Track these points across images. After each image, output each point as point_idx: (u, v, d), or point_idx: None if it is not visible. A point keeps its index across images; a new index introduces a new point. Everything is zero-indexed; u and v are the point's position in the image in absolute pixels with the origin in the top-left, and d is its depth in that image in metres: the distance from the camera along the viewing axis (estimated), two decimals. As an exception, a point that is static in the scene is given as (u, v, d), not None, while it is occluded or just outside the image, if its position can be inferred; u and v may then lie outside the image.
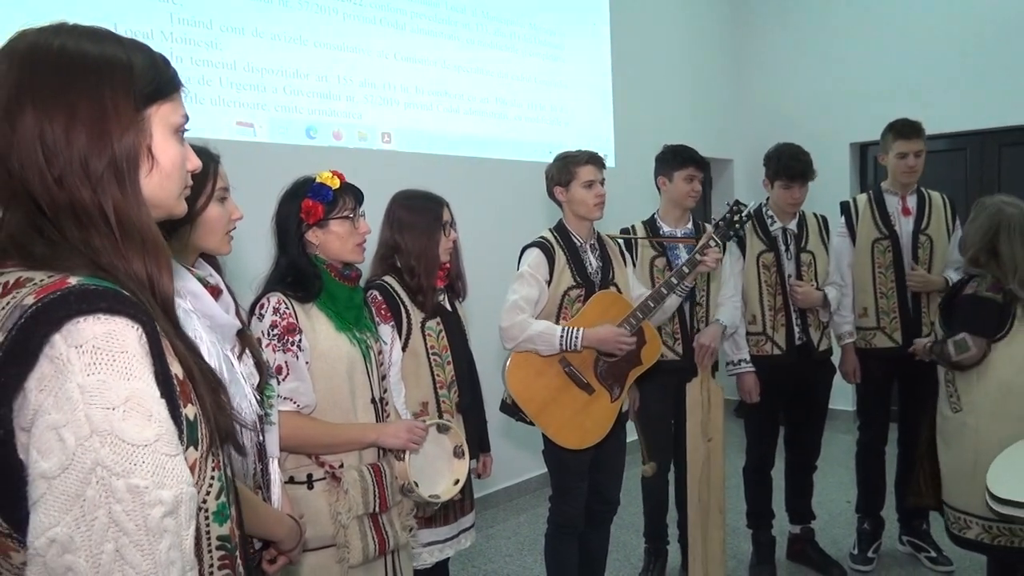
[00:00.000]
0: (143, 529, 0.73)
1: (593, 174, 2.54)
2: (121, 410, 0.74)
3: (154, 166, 0.89)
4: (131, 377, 0.76)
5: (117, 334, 0.76)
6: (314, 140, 3.45)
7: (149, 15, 2.89)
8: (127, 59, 0.87)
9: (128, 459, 0.74)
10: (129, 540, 0.73)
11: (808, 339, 3.16)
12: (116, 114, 0.85)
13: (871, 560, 3.33)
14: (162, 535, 0.75)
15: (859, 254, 3.28)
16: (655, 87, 5.28)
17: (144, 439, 0.75)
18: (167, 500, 0.75)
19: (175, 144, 0.92)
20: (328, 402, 1.80)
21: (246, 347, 1.36)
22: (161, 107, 0.90)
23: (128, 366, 0.76)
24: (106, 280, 0.80)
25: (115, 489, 0.73)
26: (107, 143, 0.84)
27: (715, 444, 2.93)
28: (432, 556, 2.23)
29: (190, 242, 1.33)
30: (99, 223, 0.83)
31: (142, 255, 0.85)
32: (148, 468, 0.75)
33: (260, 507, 1.34)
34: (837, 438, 4.74)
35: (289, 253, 1.83)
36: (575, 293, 2.52)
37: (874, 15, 5.40)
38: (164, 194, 0.91)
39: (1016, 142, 5.07)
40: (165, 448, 0.77)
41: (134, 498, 0.73)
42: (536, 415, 2.44)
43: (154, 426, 0.76)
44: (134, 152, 0.86)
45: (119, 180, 0.84)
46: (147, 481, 0.74)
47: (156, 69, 0.91)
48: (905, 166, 3.19)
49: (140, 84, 0.87)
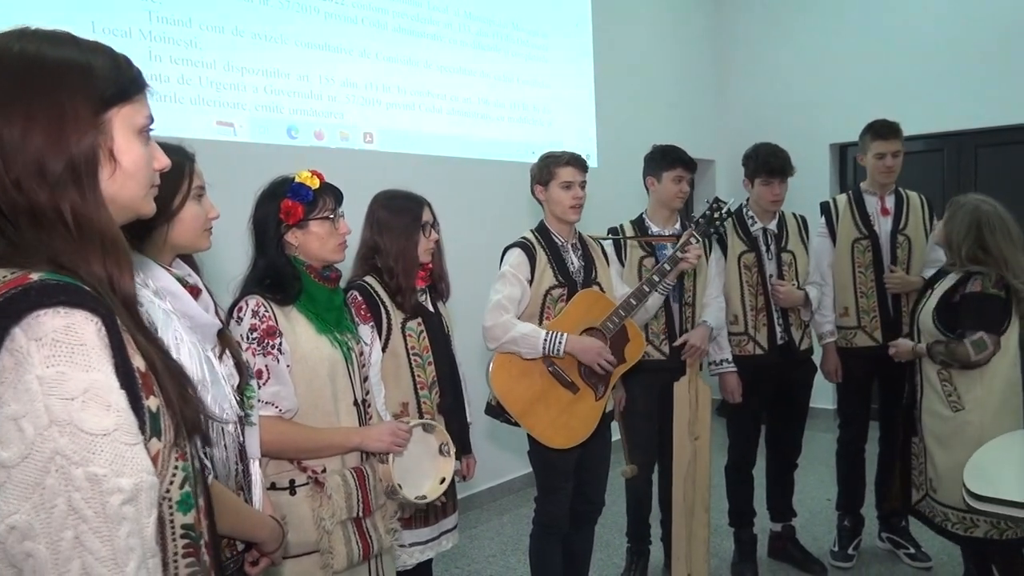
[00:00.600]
0: (102, 516, 0.75)
1: (573, 175, 2.54)
2: (80, 400, 0.76)
3: (116, 168, 0.90)
4: (90, 369, 0.78)
5: (76, 327, 0.78)
6: (295, 140, 3.43)
7: (127, 13, 2.85)
8: (86, 62, 0.88)
9: (87, 448, 0.76)
10: (88, 527, 0.75)
11: (790, 338, 3.19)
12: (74, 117, 0.86)
13: (851, 557, 3.37)
14: (121, 522, 0.76)
15: (839, 254, 3.31)
16: (638, 88, 5.30)
17: (102, 428, 0.77)
18: (126, 488, 0.77)
19: (138, 145, 0.92)
20: (310, 405, 1.77)
21: (226, 347, 1.35)
22: (122, 109, 0.90)
23: (87, 358, 0.78)
24: (67, 276, 0.82)
25: (74, 477, 0.75)
26: (64, 146, 0.85)
27: (702, 443, 2.94)
28: (412, 558, 2.22)
29: (168, 241, 1.32)
30: (57, 225, 0.84)
31: (101, 256, 0.86)
32: (107, 457, 0.77)
33: (242, 508, 1.34)
34: (818, 437, 4.78)
35: (268, 255, 1.80)
36: (557, 292, 2.53)
37: (854, 19, 5.46)
38: (128, 195, 0.92)
39: (992, 143, 5.14)
40: (124, 437, 0.78)
41: (93, 486, 0.75)
42: (521, 416, 2.44)
43: (112, 416, 0.78)
44: (92, 155, 0.87)
45: (77, 183, 0.85)
46: (105, 469, 0.76)
47: (117, 71, 0.91)
48: (883, 166, 3.22)
49: (99, 87, 0.88)
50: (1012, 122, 4.94)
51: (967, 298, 2.60)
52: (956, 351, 2.58)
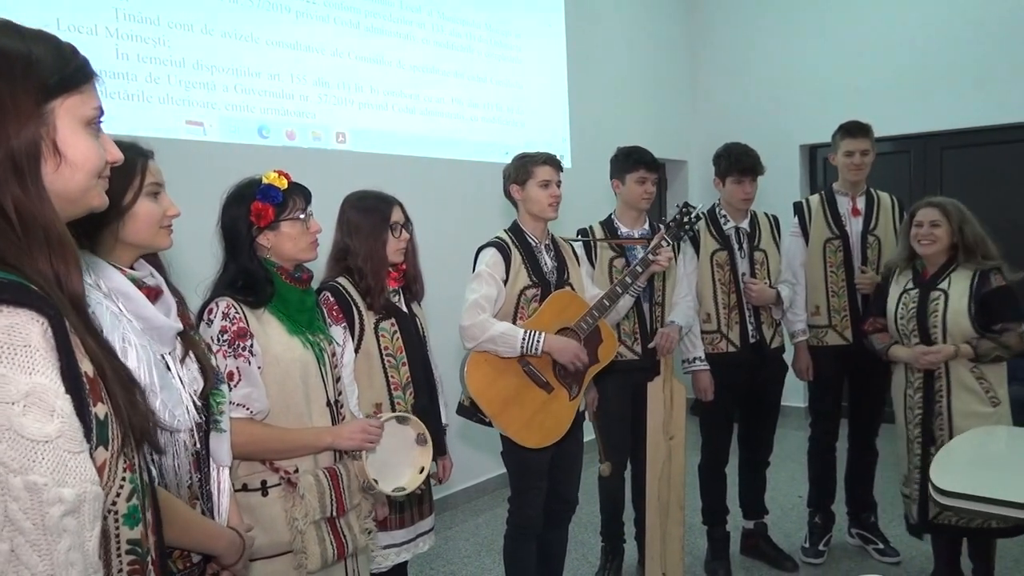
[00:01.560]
0: (40, 528, 0.71)
1: (550, 174, 2.56)
2: (21, 405, 0.72)
3: (61, 161, 0.86)
4: (33, 372, 0.74)
5: (20, 327, 0.74)
6: (267, 140, 3.39)
7: (93, 11, 2.80)
8: (26, 51, 0.84)
9: (26, 455, 0.71)
10: (25, 540, 0.71)
11: (761, 336, 3.22)
12: (13, 108, 0.82)
13: (822, 553, 3.41)
14: (61, 535, 0.72)
15: (811, 253, 3.36)
16: (610, 88, 5.32)
17: (44, 435, 0.73)
18: (68, 499, 0.73)
19: (85, 137, 0.88)
20: (282, 406, 1.76)
21: (189, 350, 1.32)
22: (67, 100, 0.87)
23: (30, 360, 0.74)
24: (12, 273, 0.78)
25: (11, 486, 0.71)
26: (3, 138, 0.81)
27: (676, 442, 2.96)
28: (388, 560, 2.20)
29: (120, 238, 1.28)
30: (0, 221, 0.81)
31: (47, 252, 0.82)
32: (48, 465, 0.72)
33: (193, 519, 1.29)
34: (789, 434, 4.84)
35: (239, 260, 1.77)
36: (531, 292, 2.53)
37: (825, 23, 5.54)
38: (75, 188, 0.88)
39: (957, 145, 5.25)
40: (67, 445, 0.74)
41: (32, 496, 0.71)
42: (496, 416, 2.44)
43: (56, 422, 0.74)
44: (34, 147, 0.83)
45: (18, 176, 0.81)
46: (46, 478, 0.72)
47: (61, 60, 0.87)
48: (852, 164, 3.27)
49: (41, 76, 0.84)
50: (977, 124, 5.04)
51: (1000, 292, 2.64)
52: (1009, 343, 2.62)
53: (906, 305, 2.81)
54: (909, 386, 2.82)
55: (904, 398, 2.85)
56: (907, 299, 2.82)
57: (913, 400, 2.80)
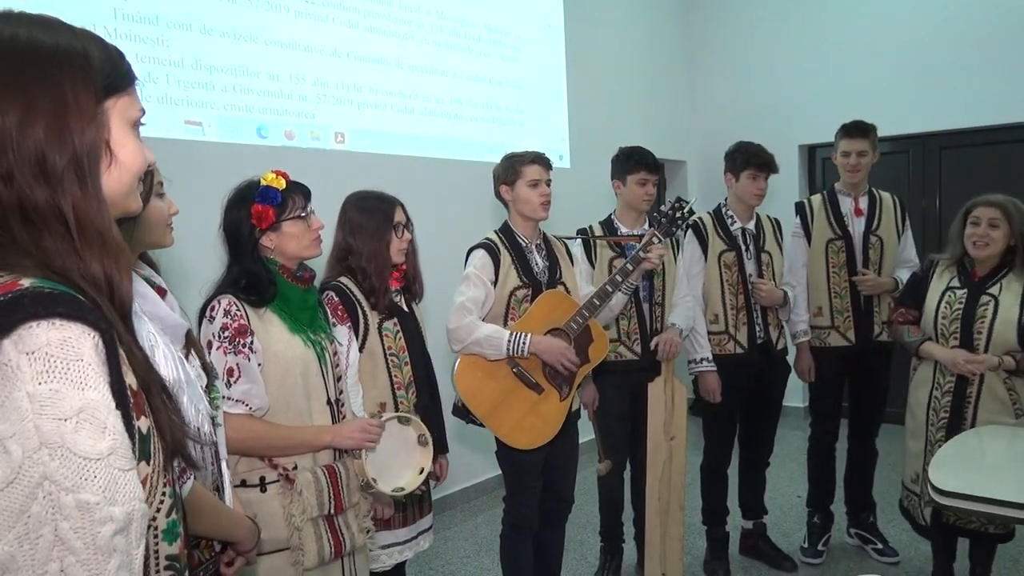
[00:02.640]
0: (91, 548, 0.70)
1: (539, 173, 2.54)
2: (74, 421, 0.70)
3: (113, 162, 0.84)
4: (86, 387, 0.72)
5: (73, 341, 0.73)
6: (265, 140, 3.39)
7: (92, 10, 2.81)
8: (84, 50, 0.83)
9: (79, 473, 0.70)
10: (76, 559, 0.69)
11: (768, 337, 3.22)
12: (77, 107, 0.80)
13: (821, 553, 3.41)
14: (111, 554, 0.71)
15: (814, 254, 3.35)
16: (609, 89, 5.32)
17: (97, 452, 0.71)
18: (118, 517, 0.72)
19: (133, 139, 0.88)
20: (282, 404, 1.77)
21: (191, 348, 1.33)
22: (119, 100, 0.86)
23: (83, 375, 0.72)
24: (61, 284, 0.76)
25: (63, 505, 0.69)
26: (68, 138, 0.79)
27: (677, 443, 2.96)
28: (391, 558, 2.21)
29: (135, 239, 1.29)
30: (53, 224, 0.78)
31: (101, 257, 0.80)
32: (100, 483, 0.71)
33: (221, 509, 1.31)
34: (789, 434, 4.84)
35: (243, 263, 1.79)
36: (522, 293, 2.53)
37: (823, 23, 5.54)
38: (122, 190, 0.87)
39: (955, 145, 5.25)
40: (119, 462, 0.73)
41: (83, 515, 0.70)
42: (486, 417, 2.44)
43: (108, 439, 0.72)
44: (96, 148, 0.81)
45: (80, 178, 0.80)
46: (98, 497, 0.71)
47: (112, 61, 0.86)
48: (848, 164, 3.28)
49: (98, 76, 0.83)
50: (975, 124, 5.05)
51: None
52: None
53: (950, 304, 2.68)
54: (937, 388, 2.71)
55: (929, 399, 2.74)
56: (951, 298, 2.68)
57: (941, 403, 2.71)
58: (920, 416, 2.78)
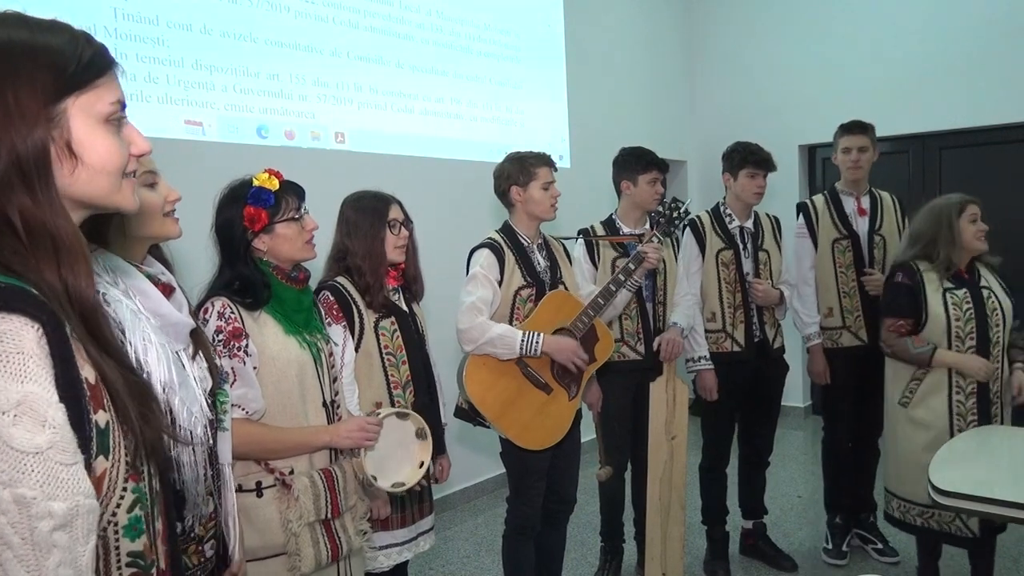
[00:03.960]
0: (29, 543, 0.69)
1: (550, 176, 2.57)
2: (11, 414, 0.70)
3: (77, 164, 0.81)
4: (25, 379, 0.71)
5: (12, 333, 0.72)
6: (266, 140, 3.39)
7: (92, 10, 2.81)
8: (34, 46, 0.79)
9: (15, 467, 0.69)
10: (13, 554, 0.69)
11: (764, 336, 3.22)
12: (17, 110, 0.76)
13: (845, 554, 3.38)
14: (51, 550, 0.70)
15: (820, 255, 3.34)
16: (610, 89, 5.32)
17: (35, 446, 0.70)
18: (58, 512, 0.71)
19: (103, 136, 0.83)
20: (278, 406, 1.75)
21: (199, 349, 1.32)
22: (80, 97, 0.81)
23: (23, 367, 0.71)
24: (12, 277, 0.75)
25: (0, 500, 0.69)
26: (6, 143, 0.76)
27: (679, 442, 2.96)
28: (389, 559, 2.20)
29: (129, 233, 1.26)
30: (4, 232, 0.76)
31: (54, 263, 0.78)
32: (38, 478, 0.70)
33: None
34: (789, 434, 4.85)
35: (236, 266, 1.75)
36: (526, 293, 2.53)
37: (823, 23, 5.54)
38: (98, 190, 0.84)
39: (955, 145, 5.25)
40: (59, 456, 0.72)
41: (20, 509, 0.69)
42: (496, 419, 2.43)
43: (47, 432, 0.71)
44: (43, 152, 0.78)
45: (26, 183, 0.77)
46: (36, 492, 0.70)
47: (74, 53, 0.82)
48: (849, 160, 3.28)
49: (52, 74, 0.79)
50: (975, 124, 5.05)
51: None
52: None
53: (958, 306, 2.64)
54: (958, 391, 2.65)
55: (950, 405, 2.66)
56: (955, 299, 2.64)
57: (966, 407, 2.64)
58: (940, 425, 2.66)
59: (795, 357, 3.51)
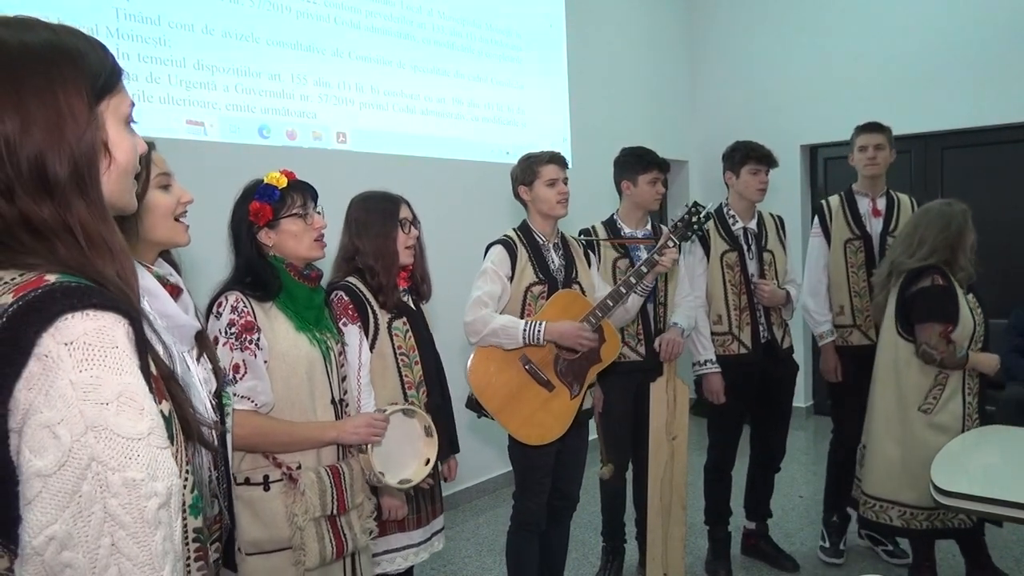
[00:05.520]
0: (140, 521, 0.75)
1: (556, 172, 2.58)
2: (115, 405, 0.75)
3: (111, 163, 0.85)
4: (122, 372, 0.76)
5: (108, 329, 0.76)
6: (267, 140, 3.39)
7: (94, 11, 2.81)
8: (75, 50, 0.82)
9: (123, 453, 0.75)
10: (126, 533, 0.74)
11: (772, 337, 3.21)
12: (70, 112, 0.80)
13: (842, 552, 3.38)
14: (157, 526, 0.76)
15: (833, 254, 3.36)
16: (611, 89, 5.32)
17: (138, 433, 0.76)
18: (161, 492, 0.77)
19: (128, 136, 0.88)
20: (287, 402, 1.78)
21: (203, 351, 1.32)
22: (112, 99, 0.86)
23: (119, 361, 0.76)
24: (83, 278, 0.79)
25: (111, 483, 0.74)
26: (66, 147, 0.79)
27: (679, 443, 2.96)
28: (407, 560, 2.20)
29: (141, 236, 1.28)
30: (63, 235, 0.80)
31: (112, 263, 0.82)
32: (143, 461, 0.76)
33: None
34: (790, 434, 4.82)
35: (243, 254, 1.82)
36: (538, 289, 2.55)
37: (825, 23, 5.54)
38: (120, 190, 0.88)
39: (957, 145, 5.25)
40: (157, 441, 0.78)
41: (130, 491, 0.74)
42: (497, 412, 2.46)
43: (146, 420, 0.77)
44: (94, 154, 0.82)
45: (82, 189, 0.81)
46: (142, 474, 0.75)
47: (102, 58, 0.85)
48: (865, 158, 3.29)
49: (92, 77, 0.82)
50: (977, 124, 5.05)
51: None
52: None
53: (973, 310, 2.75)
54: (969, 393, 2.72)
55: (964, 408, 2.72)
56: (971, 304, 2.76)
57: (973, 407, 2.73)
58: (956, 427, 2.70)
59: (799, 357, 3.50)
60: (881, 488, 2.82)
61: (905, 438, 2.78)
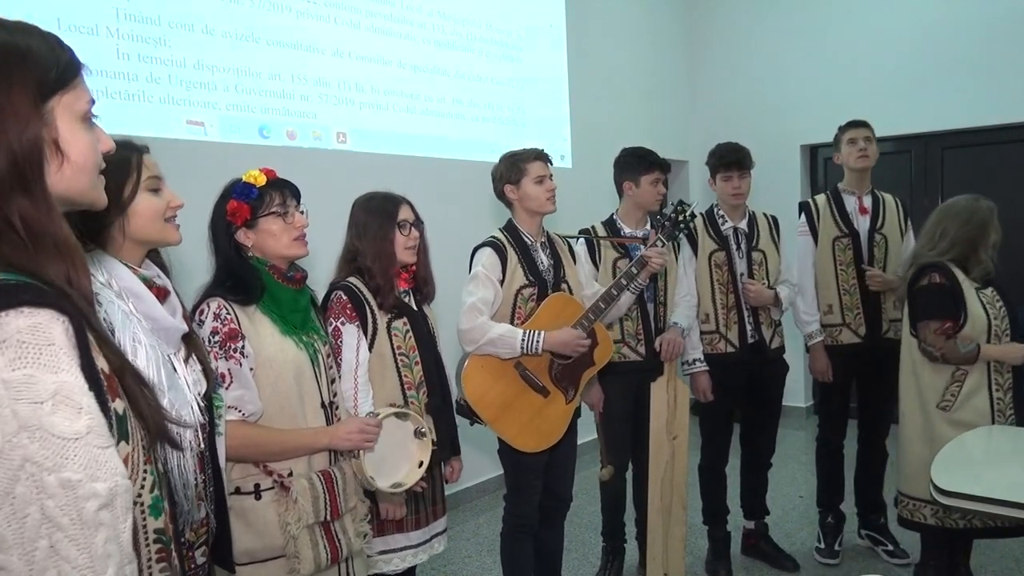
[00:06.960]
0: (78, 523, 0.73)
1: (543, 169, 2.55)
2: (50, 404, 0.73)
3: (64, 161, 0.84)
4: (59, 370, 0.74)
5: (43, 327, 0.75)
6: (267, 140, 3.39)
7: (94, 11, 2.80)
8: (23, 46, 0.81)
9: (59, 453, 0.73)
10: (64, 535, 0.72)
11: (760, 337, 3.21)
12: (11, 109, 0.79)
13: (837, 553, 3.39)
14: (98, 528, 0.74)
15: (821, 252, 3.35)
16: (611, 88, 5.32)
17: (75, 432, 0.74)
18: (101, 493, 0.75)
19: (84, 133, 0.86)
20: (276, 408, 1.74)
21: (192, 352, 1.31)
22: (64, 96, 0.84)
23: (55, 359, 0.74)
24: (25, 276, 0.78)
25: (47, 484, 0.72)
26: (3, 143, 0.78)
27: (680, 442, 2.96)
28: (404, 561, 2.19)
29: (128, 235, 1.27)
30: (6, 232, 0.79)
31: (57, 259, 0.81)
32: (80, 461, 0.74)
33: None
34: (789, 434, 4.84)
35: (221, 254, 1.77)
36: (528, 292, 2.53)
37: (824, 23, 5.54)
38: (79, 187, 0.86)
39: (957, 144, 5.25)
40: (97, 440, 0.76)
41: (67, 492, 0.73)
42: (493, 420, 2.44)
43: (84, 418, 0.75)
44: (37, 151, 0.81)
45: (24, 185, 0.79)
46: (80, 475, 0.73)
47: (55, 55, 0.84)
48: (856, 151, 3.28)
49: (39, 73, 0.81)
50: (977, 124, 5.04)
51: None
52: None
53: (992, 304, 2.69)
54: (997, 388, 2.67)
55: (991, 403, 2.66)
56: (987, 298, 2.69)
57: (1005, 403, 2.67)
58: (983, 424, 2.65)
59: (795, 357, 3.51)
60: (914, 487, 2.78)
61: (931, 436, 2.74)
